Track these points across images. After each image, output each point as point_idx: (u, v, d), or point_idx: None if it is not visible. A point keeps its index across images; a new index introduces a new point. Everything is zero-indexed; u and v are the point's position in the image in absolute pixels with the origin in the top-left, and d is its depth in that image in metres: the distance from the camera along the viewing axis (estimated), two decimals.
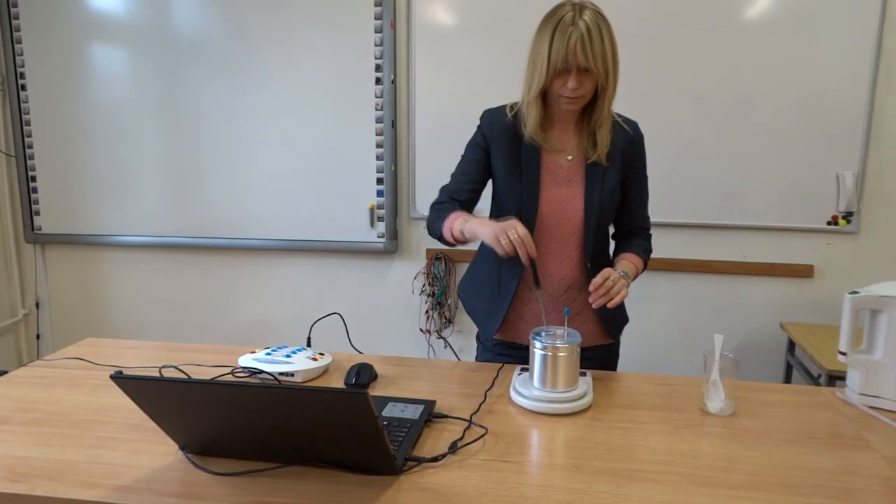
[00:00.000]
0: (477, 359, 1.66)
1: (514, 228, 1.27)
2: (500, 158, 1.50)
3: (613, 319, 1.56)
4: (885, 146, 2.50)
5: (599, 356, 1.58)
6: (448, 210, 1.47)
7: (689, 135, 2.57)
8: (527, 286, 1.52)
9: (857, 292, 1.27)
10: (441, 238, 1.48)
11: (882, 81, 2.46)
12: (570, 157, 1.48)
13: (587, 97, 1.40)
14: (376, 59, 2.72)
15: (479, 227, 1.35)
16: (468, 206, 1.53)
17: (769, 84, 2.50)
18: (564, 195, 1.47)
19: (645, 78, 2.56)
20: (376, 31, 2.69)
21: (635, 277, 1.50)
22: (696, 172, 2.60)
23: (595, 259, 1.50)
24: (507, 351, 1.57)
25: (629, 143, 1.50)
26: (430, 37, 2.67)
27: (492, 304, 1.56)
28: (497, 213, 1.55)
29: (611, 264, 1.54)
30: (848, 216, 2.54)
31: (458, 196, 1.53)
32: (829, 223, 2.56)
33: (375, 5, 2.67)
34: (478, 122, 1.56)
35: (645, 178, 1.57)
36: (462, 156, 1.59)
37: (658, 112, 2.58)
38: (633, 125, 1.53)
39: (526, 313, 1.54)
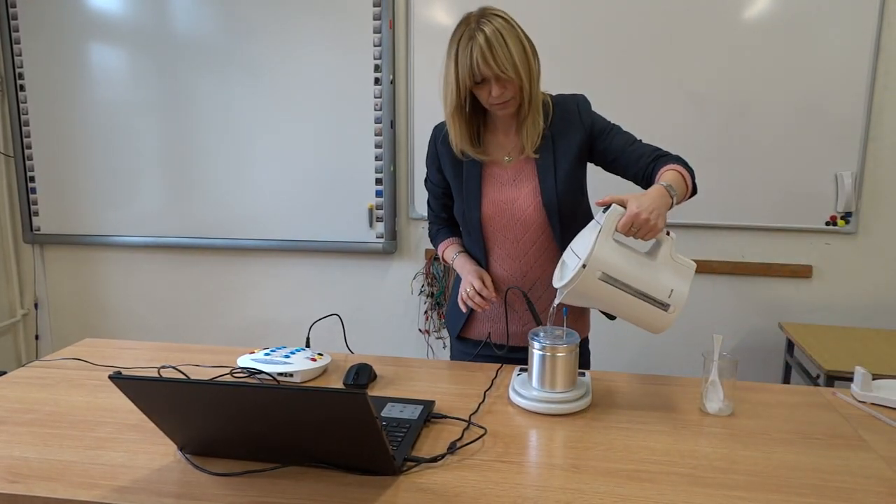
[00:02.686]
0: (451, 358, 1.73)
1: (468, 285, 1.46)
2: (448, 170, 1.55)
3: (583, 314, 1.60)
4: (884, 146, 2.50)
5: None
6: (442, 234, 1.67)
7: (687, 135, 2.57)
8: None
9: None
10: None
11: (880, 82, 2.46)
12: (507, 158, 1.50)
13: (518, 99, 1.41)
14: (375, 59, 2.72)
15: (460, 270, 1.56)
16: (451, 221, 1.67)
17: (768, 84, 2.51)
18: (511, 195, 1.49)
19: (644, 78, 2.56)
20: (375, 32, 2.69)
21: (687, 187, 1.37)
22: (695, 172, 2.59)
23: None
24: (471, 350, 1.63)
25: (577, 122, 1.47)
26: (428, 37, 2.67)
27: (456, 306, 1.60)
28: (458, 220, 1.62)
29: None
30: (846, 216, 2.55)
31: (440, 215, 1.67)
32: (827, 223, 2.56)
33: (374, 5, 2.67)
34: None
35: (617, 128, 1.49)
36: (425, 177, 1.67)
37: (657, 112, 2.58)
38: (574, 100, 1.50)
39: (487, 313, 1.58)
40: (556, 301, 1.26)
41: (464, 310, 1.51)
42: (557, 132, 1.47)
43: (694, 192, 1.42)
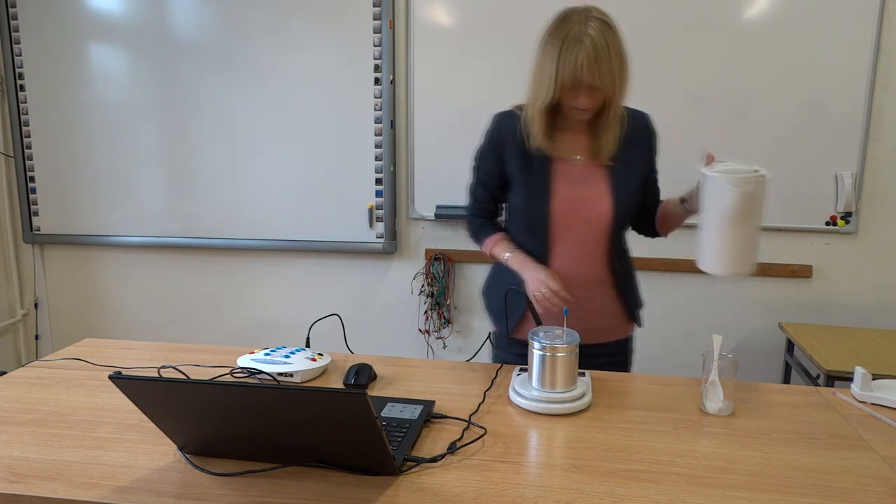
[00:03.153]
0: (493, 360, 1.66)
1: (546, 284, 1.38)
2: (513, 162, 1.49)
3: (634, 305, 1.59)
4: (884, 147, 2.50)
5: (617, 351, 1.60)
6: (488, 228, 1.59)
7: (688, 135, 2.58)
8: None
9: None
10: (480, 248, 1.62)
11: (880, 82, 2.46)
12: (578, 157, 1.48)
13: (597, 107, 1.40)
14: (375, 59, 2.72)
15: (519, 268, 1.48)
16: (496, 214, 1.63)
17: (768, 85, 2.51)
18: (581, 194, 1.46)
19: (645, 78, 2.56)
20: (375, 32, 2.69)
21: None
22: (695, 173, 2.59)
23: (621, 258, 1.53)
24: (522, 350, 1.57)
25: (646, 140, 1.53)
26: (428, 37, 2.67)
27: (511, 303, 1.57)
28: (510, 212, 1.56)
29: (629, 262, 1.58)
30: (846, 217, 2.55)
31: (486, 208, 1.61)
32: (827, 223, 2.56)
33: (374, 5, 2.67)
34: (486, 127, 1.55)
35: (656, 170, 1.60)
36: (476, 166, 1.58)
37: (657, 112, 2.55)
38: (646, 118, 1.54)
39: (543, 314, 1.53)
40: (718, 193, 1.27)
41: (540, 310, 1.43)
42: (629, 143, 1.48)
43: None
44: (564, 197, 1.46)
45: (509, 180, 1.52)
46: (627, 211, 1.49)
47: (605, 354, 1.57)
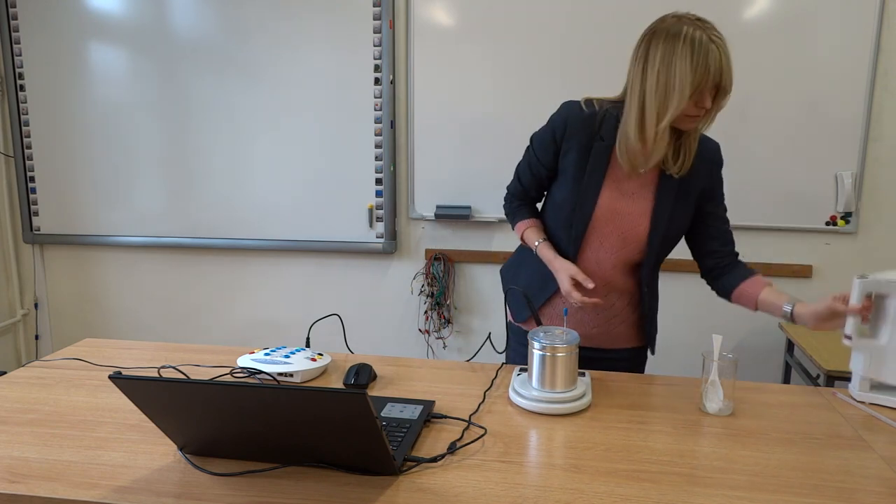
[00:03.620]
0: (509, 359, 1.64)
1: (569, 275, 1.38)
2: (571, 158, 1.43)
3: (651, 328, 1.56)
4: (884, 147, 2.50)
5: (631, 357, 1.59)
6: (525, 211, 1.59)
7: None
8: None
9: (865, 276, 1.27)
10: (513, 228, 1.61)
11: (880, 82, 2.46)
12: (641, 169, 1.41)
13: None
14: (375, 59, 2.72)
15: (548, 259, 1.46)
16: (538, 200, 1.62)
17: (768, 85, 2.51)
18: (623, 207, 1.42)
19: None
20: (375, 32, 2.69)
21: None
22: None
23: (647, 278, 1.49)
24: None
25: (709, 173, 1.44)
26: (428, 37, 2.67)
27: (533, 291, 1.54)
28: (550, 203, 1.53)
29: (657, 292, 1.56)
30: (846, 216, 2.55)
31: (529, 193, 1.59)
32: (827, 223, 2.56)
33: (374, 5, 2.67)
34: (551, 116, 1.48)
35: (722, 196, 1.49)
36: (531, 147, 1.53)
37: None
38: (717, 147, 1.46)
39: (558, 312, 1.53)
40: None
41: (575, 302, 1.38)
42: (695, 171, 1.41)
43: None
44: (608, 206, 1.42)
45: (559, 172, 1.48)
46: (666, 238, 1.44)
47: (620, 360, 1.57)
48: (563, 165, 1.46)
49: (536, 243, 1.49)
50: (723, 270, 1.49)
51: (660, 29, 1.29)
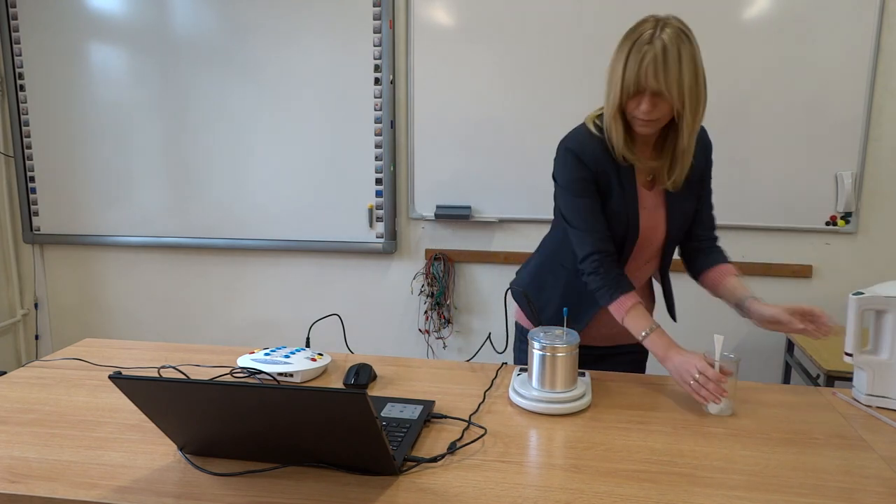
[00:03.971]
0: (517, 359, 1.62)
1: (695, 367, 1.22)
2: (606, 184, 1.39)
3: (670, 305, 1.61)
4: (884, 147, 2.50)
5: (636, 351, 1.61)
6: (618, 284, 1.36)
7: None
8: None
9: (861, 293, 1.27)
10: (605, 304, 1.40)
11: (880, 82, 2.46)
12: (649, 178, 1.43)
13: (663, 121, 1.32)
14: (375, 59, 2.72)
15: (662, 351, 1.30)
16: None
17: (768, 85, 2.51)
18: (649, 219, 1.43)
19: None
20: (375, 32, 2.69)
21: None
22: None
23: (664, 272, 1.54)
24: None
25: (703, 156, 1.45)
26: (428, 37, 2.67)
27: (570, 304, 1.48)
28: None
29: (668, 279, 1.56)
30: (846, 216, 2.55)
31: (607, 245, 1.40)
32: (827, 223, 2.56)
33: (374, 5, 2.67)
34: (565, 156, 1.41)
35: (710, 179, 1.51)
36: (571, 198, 1.41)
37: None
38: (703, 132, 1.46)
39: (604, 318, 1.48)
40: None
41: (700, 399, 1.23)
42: (693, 166, 1.41)
43: None
44: (646, 226, 1.43)
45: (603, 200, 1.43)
46: (679, 234, 1.49)
47: (625, 353, 1.59)
48: (607, 186, 1.40)
49: (643, 333, 1.33)
50: (700, 252, 1.52)
51: (632, 26, 1.31)
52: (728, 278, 1.45)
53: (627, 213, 1.39)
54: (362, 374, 1.36)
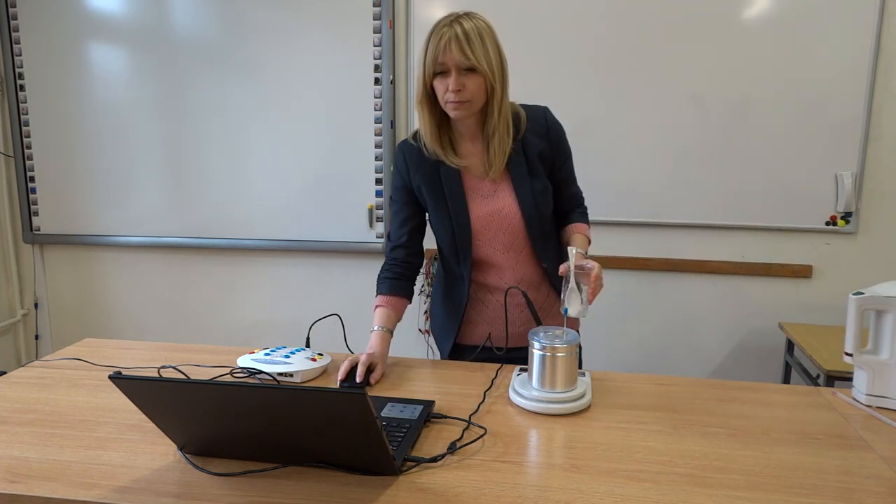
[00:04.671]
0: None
1: (351, 361, 1.36)
2: (425, 190, 1.48)
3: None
4: (884, 147, 2.50)
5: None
6: (386, 285, 1.54)
7: (688, 135, 2.58)
8: (477, 294, 1.57)
9: (861, 293, 1.27)
10: None
11: (880, 82, 2.46)
12: (483, 169, 1.47)
13: (476, 102, 1.36)
14: (375, 59, 2.72)
15: (370, 343, 1.46)
16: (415, 247, 1.58)
17: (768, 84, 2.51)
18: (493, 207, 1.47)
19: (645, 78, 2.56)
20: (375, 32, 2.69)
21: (588, 243, 1.55)
22: (695, 172, 2.60)
23: (547, 256, 1.53)
24: (467, 356, 1.60)
25: (545, 136, 1.48)
26: None
27: (447, 316, 1.61)
28: (437, 241, 1.58)
29: (563, 256, 1.58)
30: (846, 216, 2.55)
31: (399, 245, 1.55)
32: (827, 223, 2.56)
33: (374, 5, 2.67)
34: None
35: (569, 159, 1.55)
36: (392, 199, 1.58)
37: (658, 112, 2.58)
38: (542, 112, 1.50)
39: (486, 316, 1.58)
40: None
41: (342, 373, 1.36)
42: (529, 143, 1.46)
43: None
44: (480, 214, 1.47)
45: (425, 207, 1.53)
46: (540, 213, 1.48)
47: None
48: (422, 200, 1.51)
49: (374, 327, 1.49)
50: (565, 218, 1.58)
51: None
52: (575, 235, 1.52)
53: (453, 209, 1.46)
54: None
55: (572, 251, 1.34)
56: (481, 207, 1.48)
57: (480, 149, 1.47)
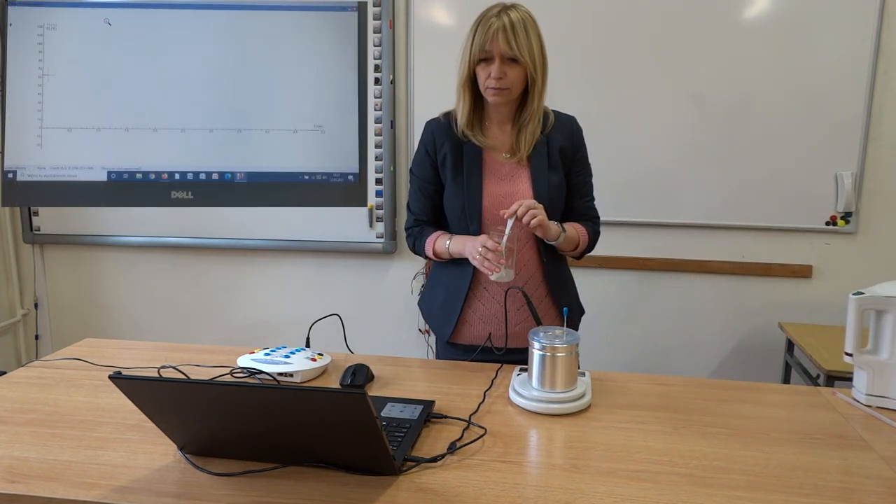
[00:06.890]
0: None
1: (479, 243, 1.38)
2: (447, 164, 1.54)
3: (571, 309, 1.58)
4: (884, 146, 2.50)
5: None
6: (426, 232, 1.60)
7: (688, 135, 2.57)
8: (476, 290, 1.56)
9: (861, 293, 1.27)
10: (426, 256, 1.61)
11: (880, 82, 2.46)
12: (506, 155, 1.53)
13: (514, 90, 1.44)
14: (375, 59, 2.71)
15: (460, 246, 1.49)
16: (436, 222, 1.63)
17: (768, 84, 2.50)
18: (508, 190, 1.51)
19: (645, 78, 2.56)
20: (375, 32, 2.69)
21: (576, 247, 1.56)
22: (695, 172, 2.60)
23: (549, 253, 1.54)
24: (462, 356, 1.59)
25: (569, 139, 1.54)
26: (428, 37, 2.67)
27: (444, 310, 1.60)
28: (447, 213, 1.59)
29: (563, 260, 1.62)
30: (846, 216, 2.55)
31: (423, 217, 1.62)
32: (827, 223, 2.56)
33: (374, 5, 2.67)
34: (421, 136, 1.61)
35: (587, 170, 1.61)
36: (412, 173, 1.63)
37: (658, 112, 2.58)
38: (571, 119, 1.58)
39: (479, 314, 1.57)
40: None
41: (486, 270, 1.40)
42: (553, 140, 1.52)
43: (581, 255, 1.61)
44: (494, 193, 1.51)
45: (444, 182, 1.56)
46: (552, 206, 1.50)
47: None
48: (443, 174, 1.56)
49: (447, 243, 1.52)
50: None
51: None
52: (568, 224, 1.54)
53: (468, 183, 1.51)
54: (359, 375, 1.36)
55: (510, 224, 1.37)
56: (497, 187, 1.52)
57: (509, 134, 1.53)
